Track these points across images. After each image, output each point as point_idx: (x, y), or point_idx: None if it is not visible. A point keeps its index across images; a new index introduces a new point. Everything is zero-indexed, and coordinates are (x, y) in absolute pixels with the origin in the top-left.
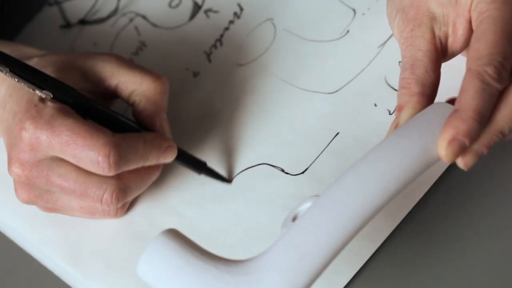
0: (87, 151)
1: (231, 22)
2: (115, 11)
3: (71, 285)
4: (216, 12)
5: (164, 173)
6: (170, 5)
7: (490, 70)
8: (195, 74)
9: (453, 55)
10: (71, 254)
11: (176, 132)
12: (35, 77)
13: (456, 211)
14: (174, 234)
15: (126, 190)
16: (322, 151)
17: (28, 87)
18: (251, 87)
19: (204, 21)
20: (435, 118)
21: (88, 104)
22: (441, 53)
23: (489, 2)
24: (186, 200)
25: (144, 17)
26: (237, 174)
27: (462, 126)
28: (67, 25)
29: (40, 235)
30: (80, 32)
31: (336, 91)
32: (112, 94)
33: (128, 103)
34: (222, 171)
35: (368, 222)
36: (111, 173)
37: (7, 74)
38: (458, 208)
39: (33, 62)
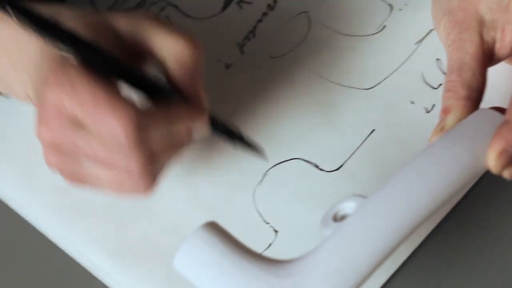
0: (107, 120)
1: (265, 14)
2: (144, 1)
3: (99, 277)
4: (249, 3)
5: (194, 166)
6: None
7: None
8: (227, 66)
9: (499, 60)
10: (100, 246)
11: None
12: (65, 38)
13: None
14: (215, 228)
15: (153, 161)
16: (358, 148)
17: (57, 49)
18: (284, 80)
19: (237, 12)
20: (483, 126)
21: (119, 66)
22: (488, 58)
23: None
24: (216, 194)
25: (175, 6)
26: (270, 168)
27: None
28: None
29: (68, 226)
30: None
31: (372, 87)
32: (145, 56)
33: (161, 68)
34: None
35: (415, 230)
36: (131, 144)
37: (35, 34)
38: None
39: (65, 20)
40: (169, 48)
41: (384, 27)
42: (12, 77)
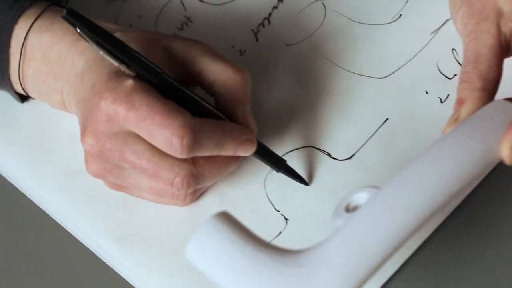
0: (162, 129)
1: (280, 1)
2: None
3: (108, 262)
4: None
5: None
6: None
7: None
8: (242, 52)
9: None
10: (109, 231)
11: None
12: (121, 52)
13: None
14: (227, 218)
15: (198, 177)
16: (371, 137)
17: (113, 61)
18: (299, 68)
19: None
20: (498, 117)
21: (172, 85)
22: (505, 49)
23: None
24: (227, 181)
25: None
26: (282, 156)
27: None
28: None
29: (77, 211)
30: (125, 4)
31: (387, 76)
32: (193, 81)
33: (209, 92)
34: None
35: (428, 221)
36: (183, 156)
37: (93, 46)
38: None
39: (119, 35)
40: (218, 72)
41: (400, 16)
42: (50, 84)
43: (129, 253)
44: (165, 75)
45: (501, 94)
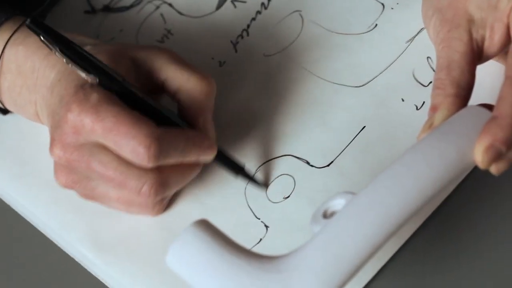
0: (129, 140)
1: (259, 12)
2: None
3: (92, 272)
4: (243, 2)
5: None
6: None
7: None
8: (221, 64)
9: (487, 58)
10: (93, 241)
11: None
12: (84, 60)
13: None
14: (206, 226)
15: (165, 185)
16: (348, 145)
17: (76, 69)
18: (277, 78)
19: (231, 10)
20: (471, 122)
21: (134, 94)
22: (477, 56)
23: None
24: (208, 190)
25: (170, 5)
26: (261, 165)
27: (500, 133)
28: (92, 10)
29: (61, 221)
30: (106, 18)
31: (363, 84)
32: (159, 89)
33: (174, 99)
34: (245, 162)
35: (404, 225)
36: (150, 165)
37: (57, 54)
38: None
39: (86, 49)
40: (182, 80)
41: (376, 25)
42: (24, 96)
43: (112, 261)
44: (126, 83)
45: (473, 100)
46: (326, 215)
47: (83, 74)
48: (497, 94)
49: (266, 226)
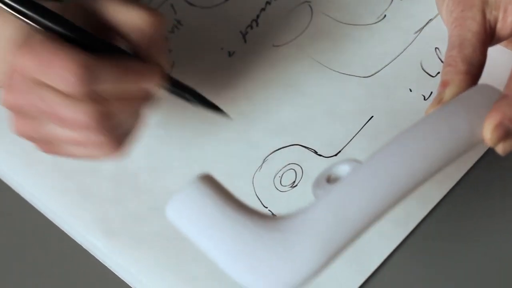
0: (58, 69)
1: (268, 3)
2: None
3: (100, 259)
4: None
5: (194, 152)
6: None
7: None
8: (230, 54)
9: (499, 40)
10: (101, 229)
11: None
12: (25, 6)
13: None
14: (210, 181)
15: (109, 116)
16: (356, 134)
17: (28, 22)
18: (286, 69)
19: (241, 0)
20: (481, 100)
21: (78, 32)
22: (489, 37)
23: None
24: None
25: None
26: (269, 154)
27: (510, 112)
28: None
29: (69, 208)
30: None
31: (372, 75)
32: (113, 33)
33: (126, 39)
34: (253, 152)
35: (408, 195)
36: (82, 89)
37: (7, 9)
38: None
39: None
40: (130, 21)
41: (385, 16)
42: None
43: (120, 249)
44: (69, 24)
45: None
46: (329, 180)
47: (34, 27)
48: (506, 81)
49: (274, 215)
